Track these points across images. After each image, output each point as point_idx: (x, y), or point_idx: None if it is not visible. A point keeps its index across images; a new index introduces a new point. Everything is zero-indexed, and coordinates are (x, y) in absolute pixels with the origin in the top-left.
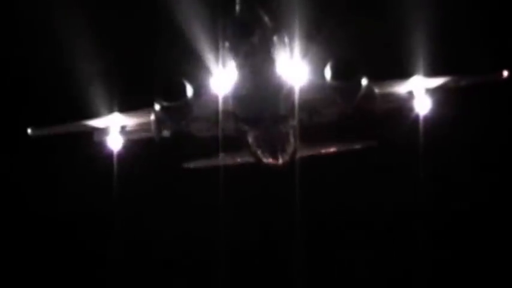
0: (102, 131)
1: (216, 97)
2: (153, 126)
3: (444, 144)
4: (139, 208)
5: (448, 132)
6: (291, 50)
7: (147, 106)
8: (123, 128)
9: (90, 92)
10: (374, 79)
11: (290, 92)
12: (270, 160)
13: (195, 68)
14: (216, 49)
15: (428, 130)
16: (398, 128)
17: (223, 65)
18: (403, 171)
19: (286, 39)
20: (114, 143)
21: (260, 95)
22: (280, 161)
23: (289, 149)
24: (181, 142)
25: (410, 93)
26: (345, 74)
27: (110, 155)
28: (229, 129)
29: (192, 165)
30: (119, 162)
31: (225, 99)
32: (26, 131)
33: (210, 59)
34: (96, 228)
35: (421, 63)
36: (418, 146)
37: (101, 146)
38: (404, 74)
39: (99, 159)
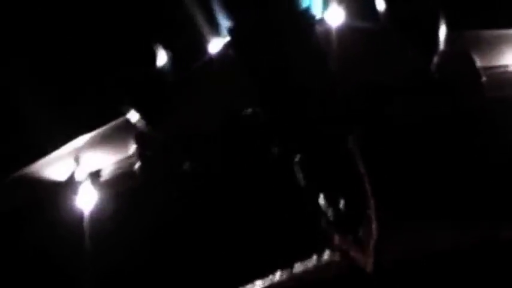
0: (66, 187)
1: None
2: (135, 147)
3: None
4: None
5: None
6: None
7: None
8: (95, 175)
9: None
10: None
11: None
12: (353, 250)
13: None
14: None
15: None
16: None
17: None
18: None
19: None
20: (87, 203)
21: (278, 45)
22: (366, 252)
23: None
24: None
25: None
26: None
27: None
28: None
29: None
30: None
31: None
32: None
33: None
34: None
35: None
36: None
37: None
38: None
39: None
